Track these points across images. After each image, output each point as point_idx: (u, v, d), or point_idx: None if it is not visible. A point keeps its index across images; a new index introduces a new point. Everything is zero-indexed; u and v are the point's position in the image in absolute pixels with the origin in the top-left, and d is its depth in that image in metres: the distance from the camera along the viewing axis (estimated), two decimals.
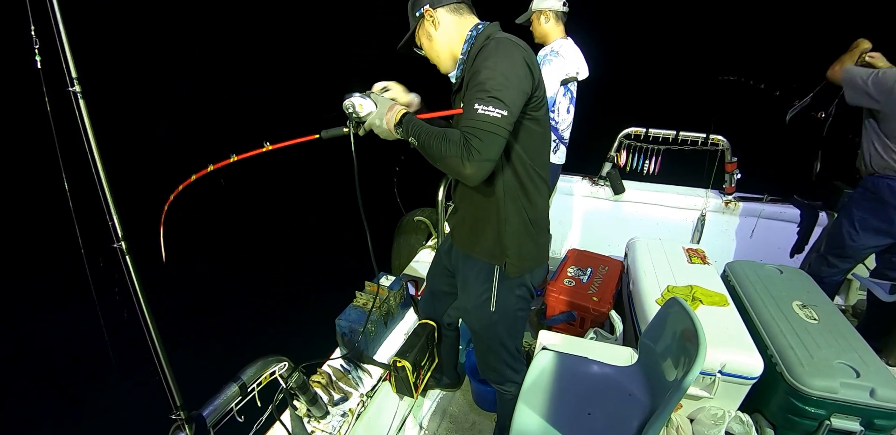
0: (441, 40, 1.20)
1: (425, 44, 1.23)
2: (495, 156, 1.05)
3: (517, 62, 1.05)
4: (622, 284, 2.36)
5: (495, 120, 1.01)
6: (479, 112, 1.01)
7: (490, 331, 1.41)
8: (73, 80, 0.73)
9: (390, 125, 1.14)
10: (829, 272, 2.22)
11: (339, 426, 1.39)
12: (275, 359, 1.14)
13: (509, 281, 1.31)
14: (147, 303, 0.85)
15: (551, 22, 2.33)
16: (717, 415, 1.57)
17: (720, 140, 2.83)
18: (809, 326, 1.63)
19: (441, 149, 1.05)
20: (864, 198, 2.05)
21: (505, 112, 1.01)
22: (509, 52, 1.05)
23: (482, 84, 1.02)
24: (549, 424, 1.28)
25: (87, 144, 0.75)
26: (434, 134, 1.07)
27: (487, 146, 1.01)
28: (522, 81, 1.06)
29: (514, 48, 1.07)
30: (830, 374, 1.42)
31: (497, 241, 1.27)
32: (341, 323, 1.62)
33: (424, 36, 1.22)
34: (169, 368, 0.88)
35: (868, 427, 1.42)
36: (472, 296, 1.38)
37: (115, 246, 0.80)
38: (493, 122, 1.01)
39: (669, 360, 1.26)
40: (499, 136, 1.03)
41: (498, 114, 1.01)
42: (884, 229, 2.02)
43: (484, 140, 1.01)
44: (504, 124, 1.02)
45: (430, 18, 1.18)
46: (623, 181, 3.12)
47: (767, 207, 2.90)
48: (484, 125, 1.01)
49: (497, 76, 1.02)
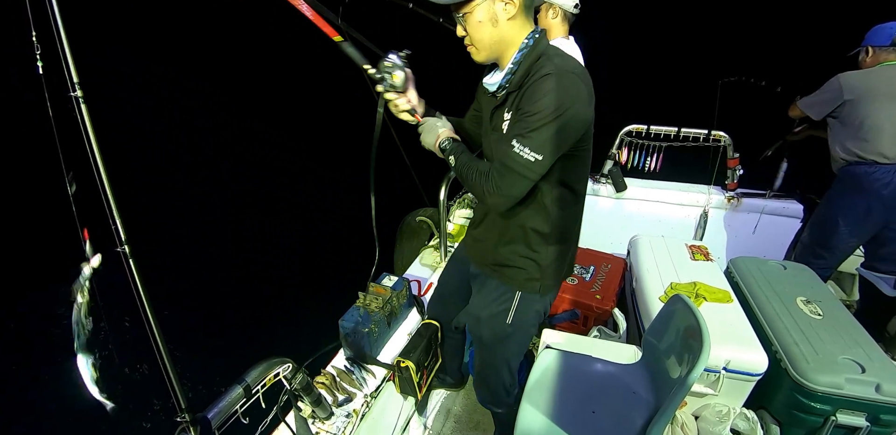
0: (503, 33, 1.05)
1: (477, 26, 1.05)
2: (519, 195, 1.05)
3: (578, 101, 0.99)
4: (625, 282, 2.35)
5: (527, 163, 0.99)
6: (514, 151, 0.99)
7: (500, 345, 1.37)
8: (75, 84, 0.73)
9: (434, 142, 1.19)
10: (816, 264, 2.23)
11: (343, 427, 1.39)
12: (279, 360, 1.15)
13: (531, 296, 1.28)
14: (151, 306, 0.85)
15: (558, 18, 2.23)
16: (721, 412, 1.57)
17: (722, 136, 2.82)
18: (814, 321, 1.63)
19: (470, 176, 1.07)
20: (843, 187, 2.10)
21: (540, 157, 0.98)
22: (573, 89, 0.98)
23: (530, 117, 0.97)
24: (554, 423, 1.28)
25: (89, 149, 0.75)
26: (469, 162, 1.10)
27: (511, 185, 1.02)
28: (575, 124, 1.00)
29: (578, 84, 0.99)
30: (835, 369, 1.41)
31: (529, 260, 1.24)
32: (345, 324, 1.63)
33: (487, 16, 1.03)
34: (174, 371, 0.89)
35: (874, 422, 1.41)
36: (488, 305, 1.33)
37: (118, 250, 0.81)
38: (524, 165, 0.99)
39: (673, 357, 1.26)
40: (527, 179, 1.02)
41: (532, 157, 0.98)
42: (865, 217, 2.04)
43: (509, 179, 1.01)
44: (536, 169, 1.00)
45: (505, 1, 1.03)
46: (625, 179, 3.11)
47: (770, 203, 2.89)
48: (515, 165, 1.00)
49: (548, 116, 0.96)
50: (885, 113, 1.95)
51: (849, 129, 2.02)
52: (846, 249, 2.19)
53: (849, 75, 2.02)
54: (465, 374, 2.04)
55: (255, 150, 9.29)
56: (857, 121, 1.99)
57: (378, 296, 1.71)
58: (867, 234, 2.11)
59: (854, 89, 1.98)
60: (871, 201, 2.01)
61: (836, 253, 2.19)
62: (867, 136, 1.97)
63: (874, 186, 1.98)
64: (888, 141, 1.94)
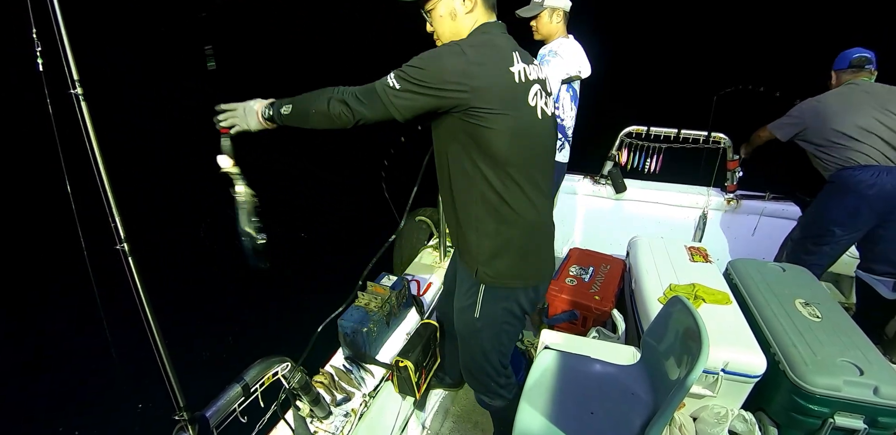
0: (458, 25, 1.15)
1: (439, 20, 1.15)
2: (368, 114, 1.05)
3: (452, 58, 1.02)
4: (624, 283, 2.35)
5: (387, 85, 1.03)
6: (382, 79, 1.04)
7: (472, 337, 1.38)
8: (75, 82, 0.73)
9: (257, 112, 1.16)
10: (808, 260, 2.25)
11: (342, 426, 1.39)
12: (277, 359, 1.14)
13: (496, 291, 1.26)
14: (150, 304, 0.85)
15: (561, 21, 2.26)
16: (720, 413, 1.57)
17: (722, 138, 2.82)
18: (812, 323, 1.63)
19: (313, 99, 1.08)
20: (832, 189, 2.17)
21: (400, 86, 1.02)
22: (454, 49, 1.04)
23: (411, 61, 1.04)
24: (552, 424, 1.28)
25: (89, 147, 0.75)
26: (310, 96, 1.10)
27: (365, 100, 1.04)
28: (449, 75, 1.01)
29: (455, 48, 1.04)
30: (834, 372, 1.42)
31: (473, 249, 1.22)
32: (344, 323, 1.63)
33: (447, 11, 1.14)
34: (172, 369, 0.88)
35: (872, 425, 1.41)
36: (460, 297, 1.36)
37: (118, 247, 0.80)
38: (385, 86, 1.03)
39: (672, 358, 1.26)
40: (381, 103, 1.03)
41: (393, 82, 1.02)
42: (853, 217, 2.10)
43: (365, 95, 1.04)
44: (393, 94, 1.02)
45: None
46: (624, 180, 3.11)
47: (769, 205, 2.89)
48: (377, 85, 1.04)
49: (424, 57, 1.03)
50: (851, 122, 2.07)
51: (820, 146, 2.17)
52: (837, 248, 2.22)
53: (809, 102, 2.21)
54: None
55: (254, 149, 9.26)
56: (824, 138, 2.14)
57: (377, 295, 1.71)
58: (857, 232, 2.15)
59: (817, 114, 2.16)
60: (857, 201, 2.06)
61: (827, 250, 2.23)
62: (842, 144, 2.09)
63: (859, 187, 2.04)
64: (864, 146, 2.04)
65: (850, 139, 2.06)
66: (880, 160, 2.02)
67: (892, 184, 1.99)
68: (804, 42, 8.60)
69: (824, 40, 7.18)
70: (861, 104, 2.07)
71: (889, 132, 2.01)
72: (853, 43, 2.25)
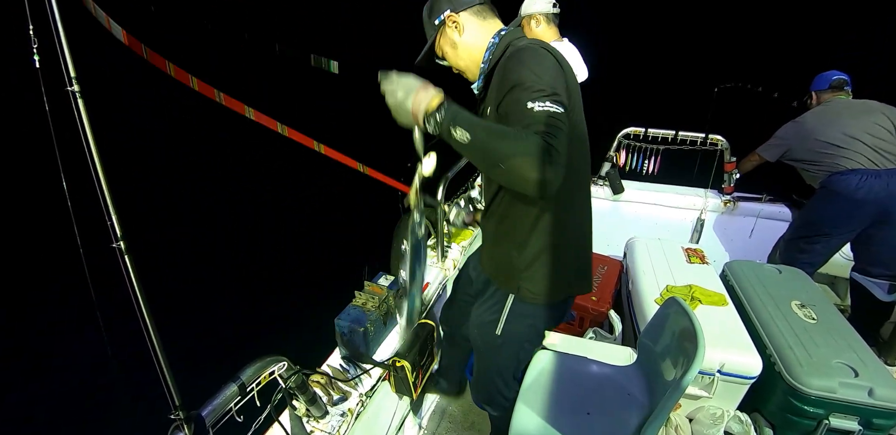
0: (467, 46, 1.09)
1: (449, 52, 1.12)
2: (563, 158, 0.84)
3: (549, 63, 0.93)
4: (621, 284, 2.36)
5: (556, 114, 0.84)
6: (536, 110, 0.83)
7: (491, 353, 1.35)
8: (72, 79, 0.73)
9: (419, 108, 0.88)
10: (801, 259, 2.30)
11: (338, 426, 1.39)
12: (274, 359, 1.14)
13: (524, 307, 1.21)
14: (146, 303, 0.85)
15: (542, 26, 2.24)
16: (715, 414, 1.58)
17: (719, 140, 2.83)
18: (808, 325, 1.64)
19: (508, 146, 0.81)
20: (824, 193, 2.24)
21: (561, 108, 0.85)
22: (537, 53, 0.94)
23: (521, 84, 0.87)
24: (548, 424, 1.28)
25: (85, 144, 0.75)
26: (498, 131, 0.83)
27: (562, 145, 0.82)
28: (558, 78, 0.92)
29: (542, 52, 0.95)
30: (829, 373, 1.42)
31: (515, 263, 1.15)
32: (340, 323, 1.62)
33: (448, 44, 1.11)
34: (168, 368, 0.88)
35: (867, 426, 1.42)
36: (482, 312, 1.31)
37: (114, 245, 0.80)
38: (553, 117, 0.83)
39: (668, 359, 1.27)
40: (563, 132, 0.84)
41: (556, 108, 0.84)
42: (845, 218, 2.16)
43: (559, 138, 0.81)
44: (564, 119, 0.85)
45: (452, 24, 1.08)
46: (622, 181, 3.12)
47: (766, 207, 2.90)
48: (548, 120, 0.82)
49: (532, 75, 0.88)
50: (835, 131, 2.16)
51: (808, 161, 2.28)
52: (829, 247, 2.28)
53: (790, 124, 2.35)
54: (463, 382, 2.03)
55: (254, 149, 9.26)
56: (811, 151, 2.24)
57: (374, 295, 1.70)
58: (848, 233, 2.20)
59: (798, 132, 2.29)
60: (847, 204, 2.12)
61: (819, 249, 2.28)
62: (829, 153, 2.18)
63: (848, 190, 2.11)
64: (850, 152, 2.13)
65: (836, 147, 2.16)
66: (866, 164, 2.10)
67: (880, 187, 2.05)
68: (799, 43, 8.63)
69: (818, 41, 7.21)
70: (842, 115, 2.20)
71: (871, 138, 2.11)
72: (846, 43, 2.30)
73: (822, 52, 2.13)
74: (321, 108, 9.64)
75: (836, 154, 2.16)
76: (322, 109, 9.52)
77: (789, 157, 2.36)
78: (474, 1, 1.08)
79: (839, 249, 2.32)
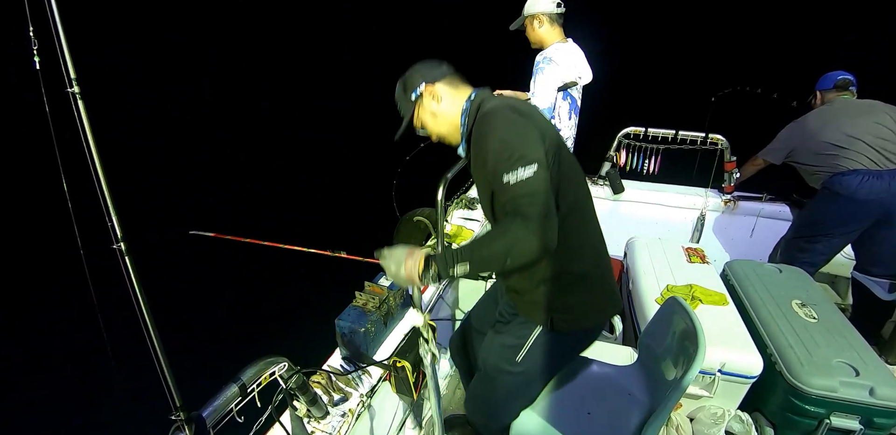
0: (445, 113, 1.17)
1: (429, 122, 1.20)
2: (549, 213, 0.95)
3: (512, 121, 1.02)
4: (622, 284, 2.36)
5: (529, 180, 0.94)
6: (511, 184, 0.95)
7: (500, 378, 1.29)
8: (72, 81, 0.73)
9: (412, 273, 0.97)
10: (802, 257, 2.30)
11: (338, 426, 1.39)
12: (274, 359, 1.14)
13: (551, 334, 1.20)
14: (147, 303, 0.85)
15: (545, 26, 2.20)
16: (716, 414, 1.58)
17: (719, 139, 2.83)
18: (809, 324, 1.64)
19: (501, 244, 0.93)
20: (825, 193, 2.24)
21: (535, 166, 0.95)
22: (500, 115, 1.04)
23: (493, 154, 0.99)
24: (549, 424, 1.28)
25: (85, 145, 0.75)
26: (484, 240, 0.96)
27: (538, 207, 0.94)
28: (525, 136, 1.00)
29: (506, 114, 1.04)
30: (830, 372, 1.42)
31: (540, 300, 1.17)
32: (341, 323, 1.62)
33: (427, 114, 1.19)
34: (168, 369, 0.88)
35: (867, 426, 1.42)
36: (504, 334, 1.29)
37: (114, 247, 0.80)
38: (528, 184, 0.94)
39: (669, 359, 1.27)
40: (541, 192, 0.95)
41: (530, 172, 0.95)
42: (846, 218, 2.15)
43: (533, 204, 0.94)
44: (540, 178, 0.96)
45: (430, 95, 1.16)
46: (622, 181, 3.12)
47: (766, 206, 2.90)
48: (523, 190, 0.94)
49: (501, 140, 0.99)
50: (837, 131, 2.15)
51: (811, 163, 2.26)
52: (830, 246, 2.27)
53: (792, 125, 2.33)
54: None
55: (254, 149, 9.27)
56: (813, 152, 2.23)
57: (375, 295, 1.70)
58: (850, 233, 2.20)
59: (802, 134, 2.27)
60: (849, 204, 2.12)
61: (820, 248, 2.27)
62: (831, 153, 2.17)
63: (850, 191, 2.10)
64: (852, 152, 2.12)
65: (838, 148, 2.15)
66: (868, 165, 2.09)
67: (882, 187, 2.05)
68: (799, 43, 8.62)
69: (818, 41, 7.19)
70: (844, 114, 2.18)
71: (873, 138, 2.10)
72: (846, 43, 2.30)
73: (822, 52, 2.13)
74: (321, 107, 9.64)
75: (837, 154, 2.15)
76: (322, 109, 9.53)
77: (792, 159, 2.35)
78: (445, 72, 1.18)
79: (841, 249, 2.31)
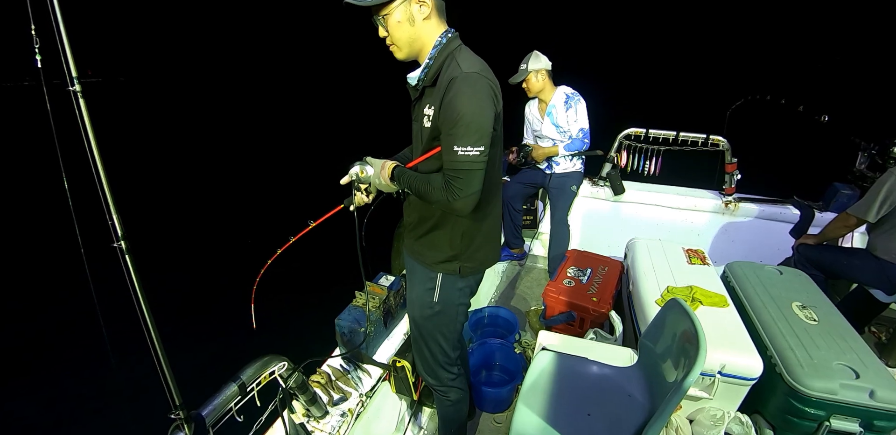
0: (420, 32, 1.15)
1: (397, 26, 1.14)
2: (479, 187, 1.14)
3: (486, 97, 1.10)
4: (622, 285, 2.36)
5: (475, 157, 1.10)
6: (459, 154, 1.10)
7: (428, 322, 1.43)
8: (73, 79, 0.73)
9: (387, 180, 1.25)
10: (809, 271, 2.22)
11: (338, 426, 1.39)
12: (274, 358, 1.14)
13: (453, 277, 1.37)
14: (147, 302, 0.85)
15: (545, 78, 2.62)
16: (716, 416, 1.57)
17: (720, 141, 2.83)
18: (809, 326, 1.63)
19: (429, 194, 1.17)
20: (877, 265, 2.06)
21: (482, 148, 1.10)
22: (479, 87, 1.10)
23: (456, 122, 1.08)
24: (549, 425, 1.28)
25: (86, 143, 0.75)
26: (420, 182, 1.19)
27: (469, 182, 1.12)
28: (489, 116, 1.11)
29: (482, 83, 1.11)
30: (830, 375, 1.42)
31: (445, 246, 1.33)
32: (341, 323, 1.62)
33: (405, 17, 1.13)
34: (168, 368, 0.88)
35: (868, 428, 1.41)
36: (415, 286, 1.43)
37: (115, 245, 0.80)
38: (472, 160, 1.10)
39: (669, 361, 1.26)
40: (479, 170, 1.12)
41: (476, 151, 1.10)
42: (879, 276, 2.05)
43: (465, 178, 1.11)
44: (482, 159, 1.11)
45: (419, 3, 1.13)
46: (623, 182, 3.12)
47: (767, 208, 2.90)
48: (464, 165, 1.10)
49: (468, 113, 1.08)
50: None
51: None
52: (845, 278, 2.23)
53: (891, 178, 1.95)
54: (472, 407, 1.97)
55: (254, 148, 9.28)
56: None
57: (374, 295, 1.70)
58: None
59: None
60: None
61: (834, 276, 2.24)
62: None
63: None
64: None
65: None
66: None
67: None
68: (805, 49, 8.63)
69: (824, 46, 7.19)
70: None
71: None
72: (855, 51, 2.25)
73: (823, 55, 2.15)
74: (321, 107, 9.63)
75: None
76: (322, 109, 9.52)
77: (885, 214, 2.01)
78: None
79: None
